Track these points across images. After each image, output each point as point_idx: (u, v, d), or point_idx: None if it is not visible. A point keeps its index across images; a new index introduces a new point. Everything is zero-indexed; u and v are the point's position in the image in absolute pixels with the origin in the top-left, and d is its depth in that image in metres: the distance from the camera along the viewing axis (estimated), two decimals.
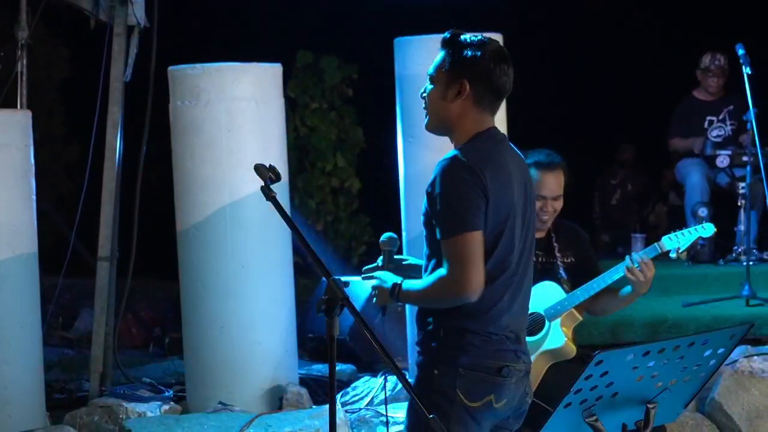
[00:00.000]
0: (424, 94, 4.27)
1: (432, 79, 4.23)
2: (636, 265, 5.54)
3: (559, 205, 5.86)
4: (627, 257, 5.59)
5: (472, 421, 4.16)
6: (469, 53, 4.15)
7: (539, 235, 5.94)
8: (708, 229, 5.70)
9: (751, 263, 8.26)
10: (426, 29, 6.96)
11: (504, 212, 4.13)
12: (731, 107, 9.58)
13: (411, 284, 4.28)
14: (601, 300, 5.78)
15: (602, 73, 11.30)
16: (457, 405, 4.14)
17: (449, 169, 4.14)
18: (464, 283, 4.06)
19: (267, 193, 3.98)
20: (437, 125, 4.27)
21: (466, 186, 4.11)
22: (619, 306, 5.80)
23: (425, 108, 4.26)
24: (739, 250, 8.96)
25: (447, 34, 4.24)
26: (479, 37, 4.21)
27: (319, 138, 10.08)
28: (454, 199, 4.13)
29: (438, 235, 4.17)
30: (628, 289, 5.67)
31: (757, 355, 6.99)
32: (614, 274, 5.65)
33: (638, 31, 11.26)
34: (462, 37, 4.21)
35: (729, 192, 9.30)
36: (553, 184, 5.80)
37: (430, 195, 4.22)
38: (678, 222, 9.94)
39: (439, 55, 4.23)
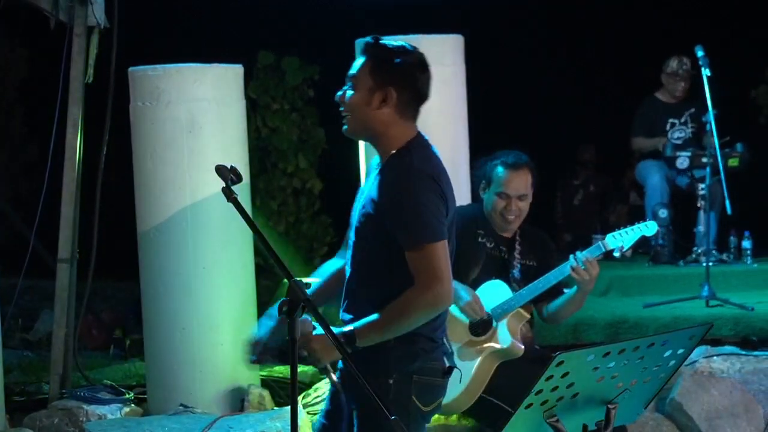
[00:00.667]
0: (345, 100, 4.17)
1: (354, 85, 4.15)
2: (581, 264, 5.57)
3: (524, 205, 5.87)
4: (571, 256, 5.62)
5: (424, 423, 4.23)
6: (397, 60, 4.13)
7: (506, 234, 5.96)
8: (651, 228, 5.75)
9: (710, 264, 8.30)
10: (387, 30, 6.94)
11: (450, 218, 4.13)
12: (692, 110, 9.63)
13: (369, 321, 4.09)
14: (551, 303, 5.80)
15: (563, 73, 11.33)
16: (414, 412, 4.17)
17: (413, 178, 4.09)
18: (443, 293, 4.05)
19: (228, 194, 3.96)
20: (359, 131, 4.20)
21: (432, 194, 4.10)
22: (569, 309, 5.81)
23: (344, 112, 4.16)
24: (699, 251, 9.01)
25: (369, 39, 4.18)
26: (402, 44, 4.19)
27: (280, 139, 10.05)
28: (422, 207, 4.06)
29: (404, 245, 4.06)
30: (573, 288, 5.70)
31: (717, 355, 7.03)
32: (559, 273, 5.68)
33: (598, 32, 11.30)
34: (386, 42, 4.17)
35: (689, 193, 9.36)
36: (517, 182, 5.82)
37: (387, 203, 4.10)
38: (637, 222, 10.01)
39: (360, 60, 4.16)
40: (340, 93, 4.18)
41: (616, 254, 5.71)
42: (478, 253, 5.89)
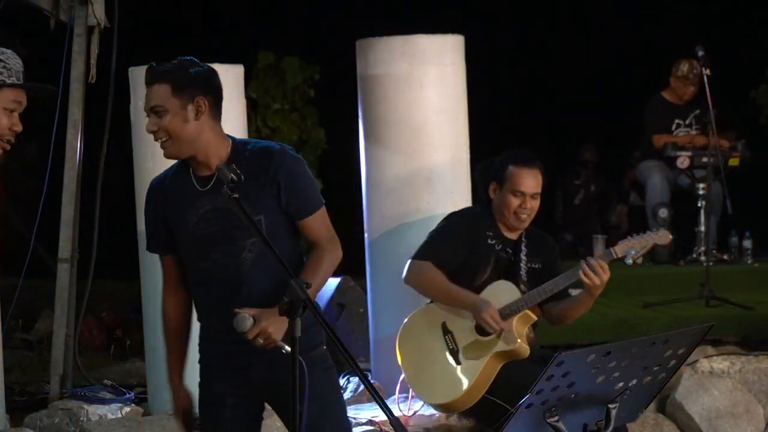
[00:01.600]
0: (162, 126, 4.25)
1: (160, 113, 4.25)
2: (592, 269, 5.57)
3: (536, 204, 5.87)
4: (582, 261, 5.61)
5: None
6: (193, 71, 4.31)
7: (512, 236, 5.96)
8: (663, 236, 5.73)
9: (711, 264, 8.30)
10: (388, 30, 6.96)
11: None
12: (697, 111, 9.62)
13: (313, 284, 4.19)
14: (558, 305, 5.80)
15: (563, 73, 11.34)
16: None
17: (301, 160, 4.41)
18: (339, 247, 4.46)
19: (228, 194, 3.98)
20: (183, 150, 4.29)
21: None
22: (576, 311, 5.80)
23: (164, 139, 4.26)
24: (699, 250, 9.01)
25: (152, 67, 4.34)
26: (175, 61, 4.38)
27: (280, 139, 10.06)
28: (311, 179, 4.42)
29: (303, 214, 4.37)
30: (581, 291, 5.70)
31: (717, 355, 7.04)
32: (569, 277, 5.68)
33: (600, 32, 11.31)
34: (167, 64, 4.34)
35: (689, 193, 9.36)
36: (532, 180, 5.83)
37: (282, 181, 4.30)
38: (639, 222, 10.01)
39: (154, 90, 4.28)
40: (151, 126, 4.28)
41: (628, 261, 5.70)
42: (490, 254, 5.89)
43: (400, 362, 6.02)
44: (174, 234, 4.37)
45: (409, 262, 5.92)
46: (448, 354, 5.83)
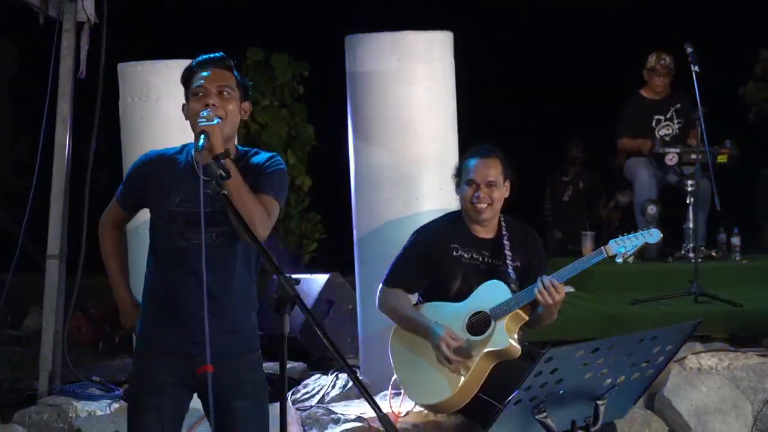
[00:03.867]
0: (217, 105, 4.45)
1: (226, 95, 4.50)
2: (545, 289, 5.58)
3: (496, 195, 5.86)
4: (538, 279, 5.62)
5: None
6: (245, 79, 4.65)
7: (487, 235, 5.96)
8: (654, 236, 5.74)
9: (699, 260, 8.32)
10: (377, 27, 6.97)
11: None
12: (678, 105, 9.68)
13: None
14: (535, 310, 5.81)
15: (552, 69, 11.35)
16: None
17: (284, 169, 4.62)
18: (266, 226, 4.43)
19: (218, 190, 4.00)
20: (228, 134, 4.49)
21: None
22: (541, 321, 5.84)
23: (220, 116, 4.42)
24: (688, 247, 9.02)
25: (224, 55, 4.63)
26: None
27: (269, 135, 10.06)
28: (282, 180, 4.59)
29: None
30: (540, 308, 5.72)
31: (705, 351, 7.05)
32: (529, 294, 5.68)
33: (588, 28, 11.32)
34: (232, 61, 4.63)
35: (678, 190, 9.38)
36: (485, 169, 5.85)
37: (267, 168, 4.54)
38: (627, 219, 10.03)
39: (222, 73, 4.55)
40: (214, 100, 4.47)
41: (618, 260, 5.70)
42: (455, 267, 5.91)
43: (391, 362, 6.03)
44: (153, 206, 4.57)
45: (379, 288, 6.00)
46: (439, 355, 5.84)
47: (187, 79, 4.58)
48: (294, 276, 3.87)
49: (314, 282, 7.93)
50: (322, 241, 10.36)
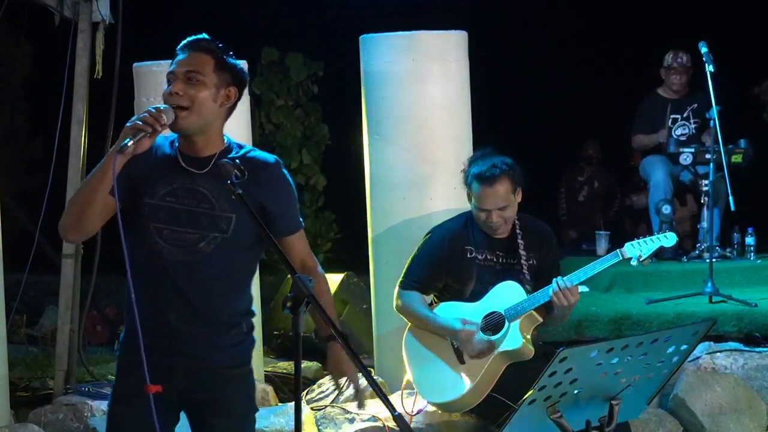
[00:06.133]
0: (182, 94, 4.12)
1: (195, 81, 4.15)
2: (561, 291, 5.59)
3: (508, 213, 5.86)
4: (554, 280, 5.62)
5: None
6: (234, 63, 4.26)
7: (501, 235, 5.97)
8: (670, 239, 5.73)
9: (713, 260, 8.31)
10: (391, 27, 6.97)
11: None
12: (695, 105, 9.66)
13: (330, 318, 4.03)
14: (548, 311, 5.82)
15: (567, 69, 11.33)
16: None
17: (290, 181, 4.42)
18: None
19: (232, 190, 3.98)
20: (196, 126, 4.18)
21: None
22: (553, 322, 5.86)
23: (184, 107, 4.12)
24: (702, 247, 9.01)
25: (205, 36, 4.27)
26: (224, 45, 4.30)
27: (284, 135, 10.08)
28: (297, 200, 4.45)
29: (291, 230, 4.35)
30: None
31: (720, 351, 7.05)
32: (544, 295, 5.69)
33: (604, 26, 11.30)
34: (217, 43, 4.27)
35: (692, 189, 9.36)
36: (493, 197, 5.82)
37: (274, 194, 4.29)
38: (642, 219, 10.02)
39: (195, 56, 4.20)
40: (177, 89, 4.13)
41: (634, 263, 5.70)
42: (470, 268, 5.92)
43: (405, 361, 6.04)
44: (134, 197, 4.16)
45: (396, 290, 6.02)
46: (452, 353, 5.85)
47: (170, 65, 4.27)
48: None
49: (329, 281, 7.93)
50: (337, 241, 10.37)
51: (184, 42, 4.26)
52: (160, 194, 4.17)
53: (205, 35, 4.27)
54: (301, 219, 4.40)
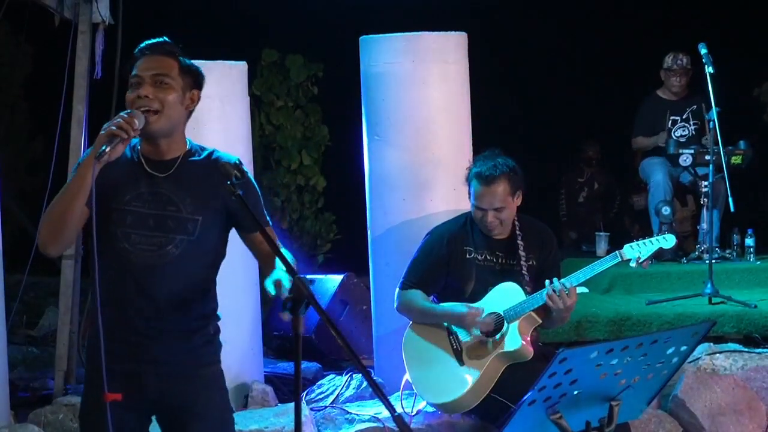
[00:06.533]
0: (152, 97, 4.12)
1: (164, 85, 4.16)
2: (557, 293, 5.59)
3: (505, 215, 5.87)
4: (547, 282, 5.62)
5: None
6: (193, 65, 4.27)
7: (501, 236, 5.97)
8: (669, 241, 5.73)
9: (713, 261, 8.31)
10: (391, 28, 6.98)
11: None
12: (694, 107, 9.67)
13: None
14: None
15: (567, 70, 11.34)
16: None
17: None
18: None
19: (232, 191, 3.98)
20: (165, 129, 4.19)
21: None
22: (552, 324, 5.86)
23: (154, 110, 4.12)
24: (702, 248, 9.02)
25: (166, 40, 4.27)
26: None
27: (284, 136, 10.08)
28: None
29: (259, 226, 4.11)
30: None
31: (720, 352, 7.05)
32: (540, 298, 5.69)
33: (603, 28, 11.31)
34: (179, 46, 4.28)
35: (692, 191, 9.36)
36: (490, 197, 5.82)
37: (251, 190, 4.27)
38: (642, 220, 10.03)
39: (161, 60, 4.20)
40: (146, 92, 4.13)
41: (633, 264, 5.70)
42: (469, 268, 5.93)
43: (405, 361, 6.04)
44: (101, 204, 4.06)
45: (396, 291, 6.03)
46: (452, 354, 5.86)
47: (129, 68, 4.23)
48: (308, 276, 3.87)
49: (329, 282, 7.94)
50: (337, 242, 10.37)
51: (145, 44, 4.26)
52: (126, 199, 4.14)
53: (166, 38, 4.28)
54: (268, 217, 4.36)
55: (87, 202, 4.01)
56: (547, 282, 5.62)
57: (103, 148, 3.95)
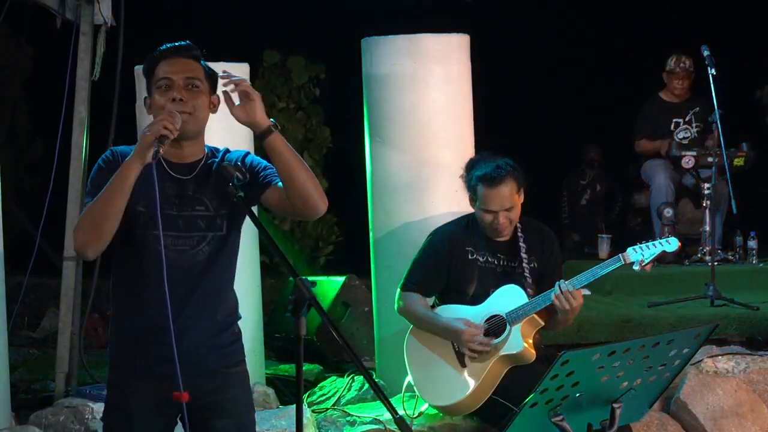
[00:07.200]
0: (186, 100, 4.15)
1: (195, 88, 4.18)
2: (563, 295, 5.59)
3: (513, 214, 5.87)
4: (557, 284, 5.62)
5: None
6: (212, 69, 4.28)
7: (503, 238, 5.97)
8: (672, 244, 5.73)
9: (715, 264, 8.30)
10: (393, 29, 6.97)
11: None
12: (697, 109, 9.67)
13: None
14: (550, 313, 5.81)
15: (569, 72, 11.34)
16: None
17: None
18: None
19: (234, 192, 3.99)
20: (196, 132, 4.23)
21: None
22: (554, 325, 5.85)
23: (187, 113, 4.14)
24: (704, 250, 9.01)
25: (189, 43, 4.27)
26: None
27: (286, 138, 10.06)
28: None
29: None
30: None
31: (722, 355, 7.04)
32: (545, 299, 5.69)
33: (605, 30, 11.30)
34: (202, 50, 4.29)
35: (694, 193, 9.35)
36: (499, 198, 5.82)
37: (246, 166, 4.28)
38: (644, 215, 10.02)
39: (189, 63, 4.21)
40: (181, 95, 4.15)
41: (636, 267, 5.69)
42: (471, 270, 5.93)
43: (406, 363, 6.04)
44: (129, 206, 4.09)
45: (397, 292, 6.03)
46: (454, 356, 5.85)
47: (149, 69, 4.23)
48: (310, 278, 3.87)
49: (330, 284, 7.94)
50: (338, 244, 10.37)
51: (170, 46, 4.25)
52: (154, 202, 4.07)
53: (189, 42, 4.28)
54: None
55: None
56: (557, 284, 5.61)
57: (156, 148, 3.97)
